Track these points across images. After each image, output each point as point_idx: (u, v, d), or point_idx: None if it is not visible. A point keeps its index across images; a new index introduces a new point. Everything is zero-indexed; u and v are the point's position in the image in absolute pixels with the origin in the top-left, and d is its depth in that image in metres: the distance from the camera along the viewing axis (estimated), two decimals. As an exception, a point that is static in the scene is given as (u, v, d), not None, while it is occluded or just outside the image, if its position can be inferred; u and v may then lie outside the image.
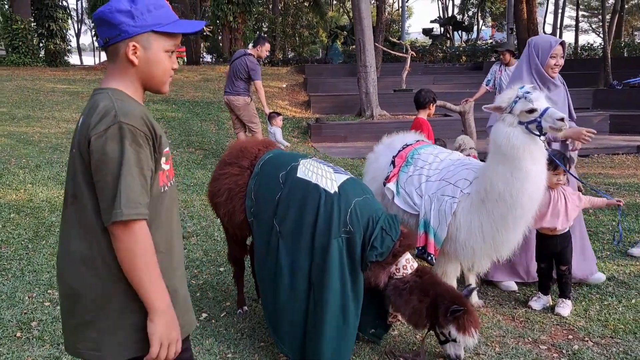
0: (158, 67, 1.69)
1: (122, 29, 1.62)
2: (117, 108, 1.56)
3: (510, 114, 3.29)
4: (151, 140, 1.61)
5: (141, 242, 1.56)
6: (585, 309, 3.73)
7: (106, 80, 1.69)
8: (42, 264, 4.47)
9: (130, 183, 1.53)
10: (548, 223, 3.64)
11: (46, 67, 18.72)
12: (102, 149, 1.53)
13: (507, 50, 7.94)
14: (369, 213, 3.00)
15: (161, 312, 1.59)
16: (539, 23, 41.21)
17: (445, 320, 2.93)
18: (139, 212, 1.54)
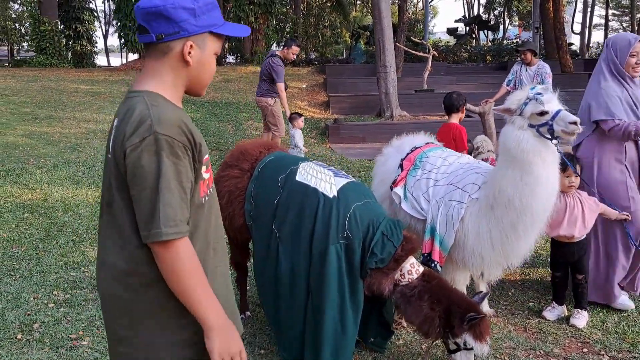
0: (207, 70, 1.60)
1: (183, 27, 1.51)
2: (153, 116, 1.44)
3: (520, 117, 3.14)
4: (190, 150, 1.49)
5: (186, 261, 1.46)
6: (603, 321, 3.56)
7: (143, 79, 1.56)
8: (51, 265, 4.47)
9: (169, 199, 1.42)
10: (565, 231, 3.48)
11: (72, 68, 19.02)
12: (138, 161, 1.42)
13: (529, 49, 7.72)
14: (369, 218, 2.90)
15: (217, 328, 1.49)
16: (568, 22, 40.46)
17: (460, 328, 2.80)
18: (178, 230, 1.44)
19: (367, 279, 2.91)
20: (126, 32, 18.20)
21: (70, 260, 4.57)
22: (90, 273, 4.32)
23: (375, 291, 2.94)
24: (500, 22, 38.91)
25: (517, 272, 4.38)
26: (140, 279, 1.51)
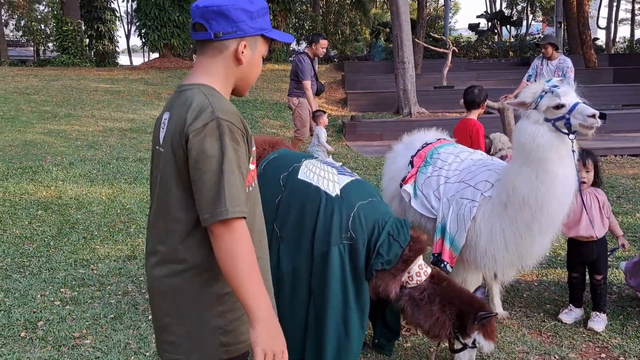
0: (255, 70, 1.68)
1: (240, 27, 1.59)
2: (213, 104, 1.51)
3: (536, 110, 3.00)
4: (246, 138, 1.56)
5: (244, 241, 1.48)
6: (623, 324, 3.40)
7: (196, 75, 1.63)
8: (60, 262, 4.47)
9: (233, 181, 1.47)
10: (584, 231, 3.33)
11: (93, 67, 19.25)
12: (201, 146, 1.47)
13: (550, 43, 7.48)
14: (374, 217, 2.79)
15: (263, 319, 1.48)
16: (593, 17, 39.59)
17: (473, 329, 2.71)
18: (242, 209, 1.48)
19: (373, 281, 2.81)
20: (146, 32, 18.35)
21: (80, 258, 4.56)
22: (98, 271, 4.31)
23: (381, 294, 2.83)
24: (523, 17, 38.26)
25: (533, 273, 4.23)
26: (185, 265, 1.56)
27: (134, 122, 10.35)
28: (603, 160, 8.93)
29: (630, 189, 6.84)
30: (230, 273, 1.47)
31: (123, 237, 5.04)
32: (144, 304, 3.75)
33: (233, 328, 1.59)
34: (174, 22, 18.23)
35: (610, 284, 3.98)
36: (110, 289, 3.98)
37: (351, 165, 8.52)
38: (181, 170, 1.52)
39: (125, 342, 3.24)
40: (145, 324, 3.46)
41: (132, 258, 4.58)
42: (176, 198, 1.55)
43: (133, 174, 7.05)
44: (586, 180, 3.35)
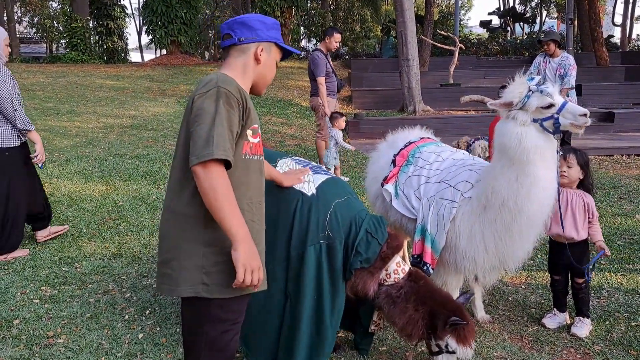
0: (270, 72, 2.12)
1: (258, 34, 2.06)
2: (219, 78, 1.91)
3: (522, 111, 2.89)
4: (241, 106, 1.91)
5: (223, 180, 1.80)
6: (608, 330, 3.29)
7: (222, 69, 2.06)
8: (45, 259, 4.45)
9: (221, 132, 1.81)
10: (567, 232, 3.23)
11: (101, 64, 19.33)
12: (201, 104, 1.86)
13: (552, 40, 7.35)
14: (351, 215, 2.73)
15: (242, 240, 1.82)
16: (608, 14, 38.93)
17: (443, 332, 2.65)
18: (227, 154, 1.81)
19: (351, 280, 2.75)
20: (153, 28, 18.37)
21: (65, 256, 4.54)
22: (82, 269, 4.28)
23: (360, 292, 2.77)
24: (537, 14, 37.77)
25: (521, 275, 4.13)
26: (177, 210, 1.94)
27: (135, 119, 10.35)
28: (609, 159, 8.76)
29: (633, 189, 6.68)
30: (212, 205, 1.80)
31: (111, 235, 5.02)
32: (123, 303, 3.72)
33: (214, 271, 1.91)
34: (181, 19, 18.24)
35: (599, 287, 3.87)
36: (90, 288, 3.95)
37: (350, 164, 8.44)
38: (187, 130, 1.90)
39: (98, 343, 3.20)
40: (121, 324, 3.43)
41: (118, 256, 4.55)
42: (180, 154, 1.95)
43: (128, 172, 7.03)
44: (567, 175, 3.22)
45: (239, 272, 1.82)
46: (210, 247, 1.90)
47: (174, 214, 1.96)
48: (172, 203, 1.98)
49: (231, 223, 1.81)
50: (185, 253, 1.92)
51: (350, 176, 7.48)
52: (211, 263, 1.91)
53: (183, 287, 1.92)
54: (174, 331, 3.32)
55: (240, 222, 1.83)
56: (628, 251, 4.59)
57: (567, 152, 3.23)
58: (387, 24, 28.53)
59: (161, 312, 3.59)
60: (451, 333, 2.64)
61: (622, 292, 3.81)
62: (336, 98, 7.66)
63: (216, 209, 1.80)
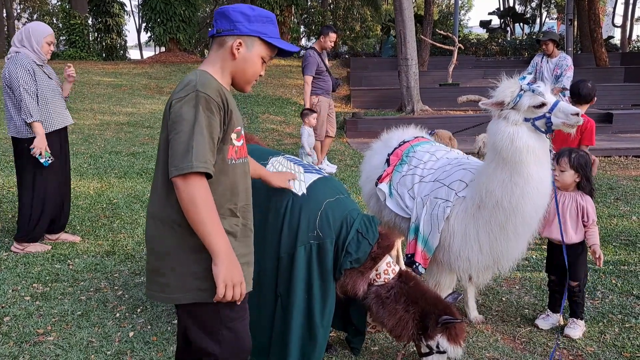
0: (250, 68, 1.96)
1: (237, 26, 1.92)
2: (198, 80, 1.81)
3: (514, 110, 2.88)
4: (222, 110, 1.81)
5: (203, 193, 1.74)
6: (602, 332, 3.27)
7: (203, 64, 1.97)
8: (38, 256, 4.43)
9: (201, 141, 1.73)
10: (555, 234, 3.22)
11: (99, 61, 19.28)
12: (179, 110, 1.76)
13: (550, 39, 7.32)
14: (342, 215, 2.71)
15: (223, 255, 1.77)
16: (609, 14, 38.88)
17: (435, 331, 2.64)
18: (207, 166, 1.74)
19: (341, 280, 2.73)
20: (152, 26, 18.34)
21: (58, 253, 4.51)
22: (74, 266, 4.26)
23: (350, 292, 2.75)
24: (537, 15, 37.74)
25: (516, 276, 4.11)
26: (168, 218, 1.85)
27: (132, 116, 10.32)
28: (607, 160, 8.74)
29: (630, 191, 6.67)
30: (193, 219, 1.75)
31: (105, 233, 4.99)
32: (114, 301, 3.69)
33: (207, 275, 1.83)
34: (180, 17, 18.20)
35: (593, 288, 3.85)
36: (82, 285, 3.92)
37: (348, 163, 8.42)
38: (167, 134, 1.82)
39: (88, 340, 3.18)
40: (112, 322, 3.41)
41: (111, 254, 4.52)
42: (162, 159, 1.85)
43: (124, 169, 7.01)
44: (559, 179, 3.21)
45: (219, 288, 1.78)
46: (201, 252, 1.83)
47: (161, 221, 1.89)
48: (157, 209, 1.91)
49: (211, 237, 1.76)
50: (176, 260, 1.86)
51: (347, 175, 7.45)
52: (203, 268, 1.84)
53: (179, 295, 1.87)
54: (164, 329, 3.30)
55: (221, 236, 1.78)
56: (624, 252, 4.57)
57: (561, 155, 3.20)
58: (387, 23, 28.48)
59: (152, 310, 3.56)
60: (442, 332, 2.63)
61: (616, 293, 3.79)
62: (330, 97, 7.57)
63: (196, 222, 1.75)
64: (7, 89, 4.30)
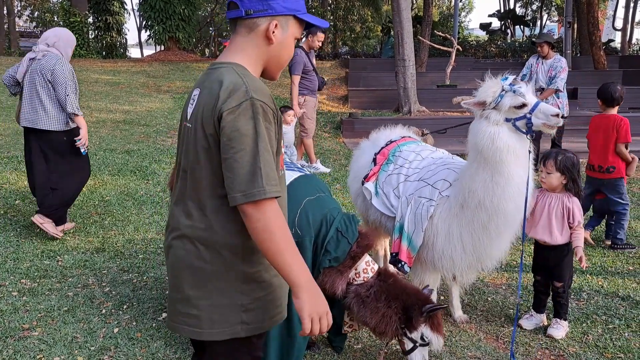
0: (286, 51, 1.68)
1: (271, 5, 1.60)
2: (247, 84, 1.53)
3: (495, 110, 2.91)
4: (276, 117, 1.58)
5: (279, 219, 1.51)
6: (584, 332, 3.28)
7: (229, 53, 1.65)
8: (27, 252, 4.44)
9: (268, 160, 1.49)
10: (540, 234, 3.24)
11: (98, 59, 19.29)
12: (235, 124, 1.48)
13: (546, 41, 7.34)
14: (322, 213, 2.72)
15: (305, 287, 1.54)
16: (610, 17, 38.86)
17: (418, 321, 2.65)
18: (278, 189, 1.51)
19: (320, 278, 2.73)
20: (151, 24, 18.35)
21: (48, 249, 4.53)
22: (64, 262, 4.27)
23: (328, 291, 2.75)
24: (538, 17, 37.74)
25: (503, 276, 4.12)
26: (213, 242, 1.59)
27: (129, 114, 10.33)
28: (601, 163, 8.73)
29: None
30: (269, 250, 1.50)
31: (96, 230, 5.01)
32: (101, 297, 3.71)
33: (255, 307, 1.63)
34: (179, 15, 18.23)
35: (579, 289, 3.86)
36: (70, 282, 3.94)
37: (342, 162, 8.42)
38: (211, 147, 1.54)
39: (72, 336, 3.19)
40: (97, 318, 3.42)
41: (101, 251, 4.54)
42: (205, 175, 1.57)
43: (118, 166, 7.02)
44: (545, 181, 3.22)
45: (305, 323, 1.54)
46: (251, 282, 1.63)
47: (204, 245, 1.61)
48: (198, 232, 1.61)
49: (291, 268, 1.52)
50: (219, 290, 1.62)
51: (342, 174, 7.46)
52: (251, 300, 1.63)
53: (217, 330, 1.63)
54: (149, 326, 3.31)
55: (301, 266, 1.55)
56: (612, 254, 4.58)
57: (547, 158, 3.21)
58: (387, 24, 28.49)
59: (139, 306, 3.58)
60: (426, 322, 2.65)
61: (602, 294, 3.80)
62: (316, 97, 7.54)
63: (274, 252, 1.51)
64: (47, 84, 4.52)
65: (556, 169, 3.18)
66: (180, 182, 1.67)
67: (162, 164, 7.27)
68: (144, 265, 4.27)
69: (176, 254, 1.66)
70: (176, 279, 1.68)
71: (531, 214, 3.26)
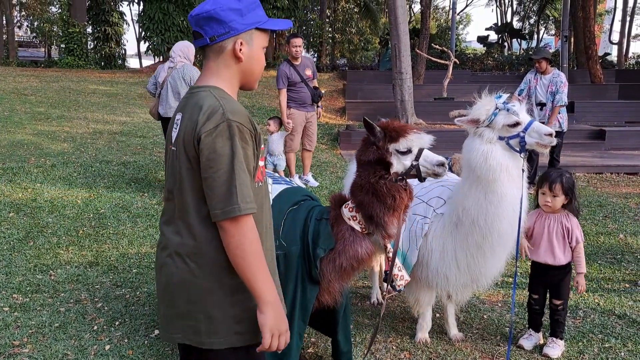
0: (258, 63, 1.75)
1: (232, 26, 1.67)
2: (224, 106, 1.60)
3: (489, 128, 2.91)
4: (254, 137, 1.65)
5: (251, 236, 1.59)
6: (580, 351, 3.26)
7: (205, 77, 1.74)
8: (20, 266, 4.40)
9: (243, 179, 1.57)
10: (542, 257, 3.21)
11: (97, 69, 19.32)
12: (213, 145, 1.57)
13: (543, 58, 7.37)
14: (305, 214, 2.68)
15: (270, 303, 1.62)
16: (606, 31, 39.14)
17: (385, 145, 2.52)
18: (252, 206, 1.59)
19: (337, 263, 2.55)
20: (150, 35, 18.41)
21: (41, 263, 4.49)
22: (56, 277, 4.23)
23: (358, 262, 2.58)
24: (535, 30, 38.00)
25: (499, 293, 4.09)
26: (203, 257, 1.66)
27: (125, 125, 10.32)
28: (598, 177, 8.75)
29: (619, 208, 6.66)
30: (239, 265, 1.59)
31: (90, 243, 4.97)
32: (93, 313, 3.67)
33: (247, 317, 1.69)
34: (178, 27, 18.29)
35: (575, 307, 3.84)
36: (62, 297, 3.90)
37: (339, 175, 8.41)
38: (194, 169, 1.62)
39: (63, 353, 3.15)
40: (89, 334, 3.38)
41: (94, 265, 4.50)
42: (190, 195, 1.64)
43: (113, 178, 6.99)
44: (551, 205, 3.15)
45: (265, 338, 1.62)
46: (239, 293, 1.69)
47: (196, 262, 1.68)
48: (183, 247, 1.69)
49: (258, 283, 1.60)
50: (212, 303, 1.68)
51: (338, 187, 7.44)
52: (243, 309, 1.70)
53: (215, 340, 1.70)
54: (141, 343, 3.28)
55: (268, 282, 1.62)
56: (608, 271, 4.56)
57: (553, 182, 3.11)
58: (385, 36, 28.66)
59: (131, 323, 3.54)
60: (387, 140, 2.52)
61: (598, 312, 3.77)
62: (307, 110, 7.23)
63: (244, 267, 1.59)
64: (187, 86, 5.85)
65: (562, 191, 3.11)
66: (168, 203, 1.75)
67: (158, 176, 7.25)
68: (137, 280, 4.23)
69: (169, 272, 1.71)
70: (171, 295, 1.72)
71: (529, 236, 3.24)
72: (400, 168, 2.54)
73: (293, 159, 7.44)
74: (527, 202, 2.94)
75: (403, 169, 2.55)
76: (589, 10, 16.41)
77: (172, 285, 1.71)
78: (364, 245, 2.57)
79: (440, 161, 2.57)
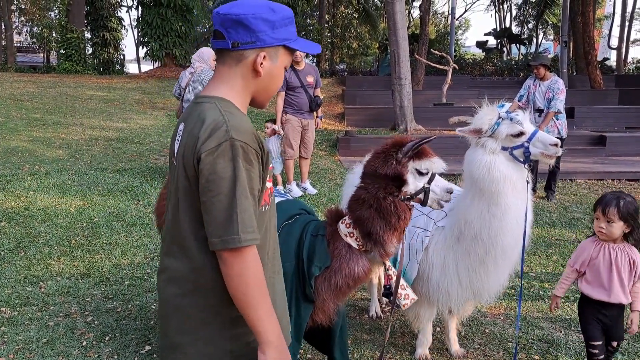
0: (275, 82, 1.61)
1: (260, 37, 1.52)
2: (228, 122, 1.44)
3: (492, 138, 2.80)
4: (260, 157, 1.49)
5: (255, 270, 1.44)
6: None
7: (214, 86, 1.57)
8: (10, 278, 4.29)
9: (245, 206, 1.41)
10: (615, 298, 2.73)
11: (94, 75, 19.25)
12: (213, 166, 1.41)
13: (542, 64, 7.29)
14: (300, 230, 2.57)
15: (273, 344, 1.46)
16: (605, 36, 39.18)
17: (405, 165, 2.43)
18: (254, 237, 1.43)
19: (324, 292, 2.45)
20: (148, 41, 18.35)
21: (31, 274, 4.38)
22: (47, 289, 4.12)
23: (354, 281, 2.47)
24: (534, 36, 38.01)
25: (501, 305, 3.98)
26: (199, 285, 1.50)
27: (122, 132, 10.22)
28: (599, 184, 8.66)
29: (621, 216, 6.55)
30: (240, 300, 1.43)
31: (82, 253, 4.86)
32: (83, 327, 3.56)
33: (245, 352, 1.53)
34: (176, 32, 18.23)
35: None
36: (52, 310, 3.79)
37: (338, 182, 8.31)
38: (192, 188, 1.47)
39: (50, 370, 3.04)
40: (78, 350, 3.27)
41: (86, 276, 4.39)
42: (186, 215, 1.49)
43: (108, 186, 6.89)
44: (605, 232, 2.72)
45: None
46: (239, 327, 1.52)
47: (191, 289, 1.52)
48: (185, 273, 1.53)
49: (263, 323, 1.44)
50: (207, 337, 1.53)
51: (337, 195, 7.34)
52: (242, 345, 1.54)
53: None
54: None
55: (272, 320, 1.46)
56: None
57: (607, 205, 2.71)
58: (384, 42, 28.64)
59: (122, 338, 3.43)
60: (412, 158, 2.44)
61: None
62: (304, 116, 7.10)
63: (246, 304, 1.43)
64: None
65: (619, 217, 2.69)
66: (169, 218, 1.60)
67: (153, 184, 7.14)
68: (129, 292, 4.12)
69: (164, 298, 1.59)
70: (164, 321, 1.59)
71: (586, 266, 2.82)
72: (413, 189, 2.45)
73: (292, 166, 7.34)
74: (531, 215, 2.84)
75: (414, 189, 2.45)
76: (589, 15, 16.36)
77: (166, 310, 1.58)
78: (360, 263, 2.46)
79: (450, 188, 2.51)
